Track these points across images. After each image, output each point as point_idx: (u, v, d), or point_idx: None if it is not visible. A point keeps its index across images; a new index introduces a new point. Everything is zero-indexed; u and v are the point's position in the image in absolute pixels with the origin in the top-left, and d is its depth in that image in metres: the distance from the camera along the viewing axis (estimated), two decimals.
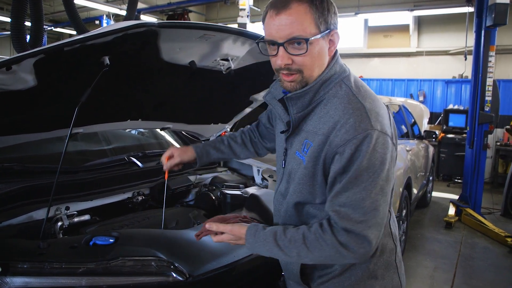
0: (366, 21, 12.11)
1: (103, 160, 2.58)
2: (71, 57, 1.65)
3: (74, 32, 4.20)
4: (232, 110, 3.01)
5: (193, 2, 11.28)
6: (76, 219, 2.11)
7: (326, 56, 1.29)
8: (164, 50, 1.94)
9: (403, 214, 4.55)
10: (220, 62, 2.17)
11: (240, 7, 7.30)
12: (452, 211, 6.31)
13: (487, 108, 6.05)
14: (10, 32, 2.87)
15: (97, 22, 11.72)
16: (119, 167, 2.58)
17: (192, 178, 2.91)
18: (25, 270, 1.49)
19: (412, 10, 10.07)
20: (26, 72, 1.64)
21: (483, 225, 5.71)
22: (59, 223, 2.02)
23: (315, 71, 1.27)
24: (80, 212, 2.17)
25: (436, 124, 10.14)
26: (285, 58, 1.24)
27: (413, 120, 6.59)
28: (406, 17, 10.95)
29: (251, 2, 8.33)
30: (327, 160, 1.25)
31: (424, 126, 8.21)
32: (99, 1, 10.33)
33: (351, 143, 1.18)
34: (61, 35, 15.63)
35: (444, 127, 9.17)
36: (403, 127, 5.94)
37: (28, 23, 2.84)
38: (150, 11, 11.67)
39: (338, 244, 1.20)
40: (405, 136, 5.85)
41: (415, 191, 5.31)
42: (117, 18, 11.11)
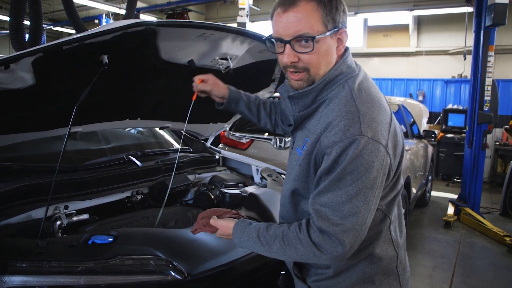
0: (365, 20, 12.13)
1: (102, 159, 2.57)
2: (70, 56, 1.65)
3: (74, 31, 4.19)
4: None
5: (192, 1, 11.26)
6: (75, 218, 2.10)
7: (333, 55, 1.28)
8: (163, 49, 1.94)
9: (402, 213, 4.55)
10: (219, 61, 2.17)
11: (240, 6, 7.30)
12: (451, 210, 6.32)
13: (486, 108, 6.06)
14: (8, 31, 2.86)
15: (96, 21, 11.70)
16: (118, 166, 2.57)
17: (191, 177, 2.91)
18: (23, 269, 1.48)
19: (411, 10, 10.08)
20: (25, 70, 1.64)
21: (482, 224, 5.72)
22: (58, 222, 2.01)
23: (322, 70, 1.27)
24: (79, 211, 2.17)
25: (435, 123, 10.15)
26: (291, 56, 1.24)
27: (412, 119, 6.60)
28: (405, 16, 10.97)
29: (251, 1, 8.32)
30: (317, 159, 1.26)
31: (423, 125, 8.21)
32: (98, 0, 10.32)
33: (337, 146, 1.17)
34: (60, 34, 15.61)
35: (443, 127, 9.18)
36: (402, 126, 5.94)
37: (27, 22, 2.84)
38: (149, 10, 11.67)
39: (311, 244, 1.20)
40: (404, 135, 5.85)
41: (414, 190, 5.32)
42: (116, 17, 11.10)
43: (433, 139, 6.78)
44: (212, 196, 2.69)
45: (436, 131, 6.93)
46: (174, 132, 3.54)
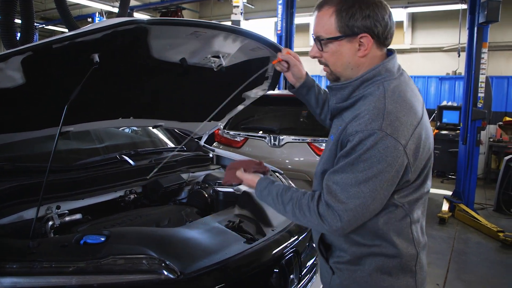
0: None
1: (95, 159, 2.55)
2: (60, 54, 1.63)
3: (66, 30, 4.16)
4: (224, 108, 3.00)
5: None
6: (67, 218, 2.08)
7: (352, 57, 1.41)
8: (154, 47, 1.93)
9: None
10: (211, 59, 2.15)
11: (234, 4, 7.28)
12: (445, 207, 6.35)
13: (480, 105, 6.08)
14: None
15: (89, 20, 11.64)
16: (111, 166, 2.55)
17: (184, 176, 2.90)
18: (14, 270, 1.46)
19: (406, 7, 10.11)
20: (14, 69, 1.62)
21: (476, 220, 5.75)
22: (50, 223, 2.00)
23: (339, 68, 1.44)
24: (72, 211, 2.15)
25: (430, 120, 10.13)
26: (313, 51, 1.48)
27: None
28: (400, 14, 10.98)
29: None
30: (342, 144, 1.38)
31: None
32: None
33: (358, 135, 1.29)
34: (53, 33, 15.51)
35: (438, 124, 9.21)
36: None
37: (18, 21, 2.82)
38: (143, 8, 11.61)
39: (317, 214, 1.35)
40: None
41: None
42: (110, 15, 11.04)
43: None
44: (206, 195, 2.69)
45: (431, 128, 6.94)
46: (168, 131, 3.53)
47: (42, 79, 1.80)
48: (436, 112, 9.45)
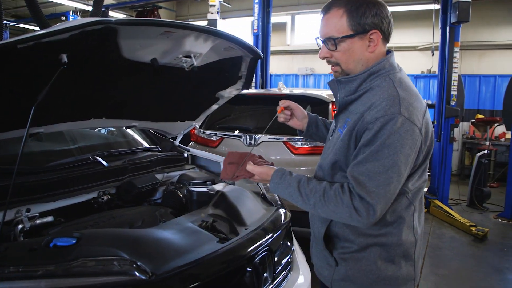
0: None
1: (67, 160, 2.51)
2: (26, 55, 1.61)
3: (38, 29, 4.07)
4: (198, 107, 3.00)
5: None
6: (38, 221, 2.05)
7: (363, 53, 1.48)
8: (125, 47, 1.91)
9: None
10: (183, 59, 2.15)
11: (210, 3, 7.24)
12: None
13: (453, 103, 6.21)
14: None
15: (63, 18, 11.37)
16: (83, 167, 2.51)
17: (159, 176, 2.88)
18: None
19: None
20: None
21: (450, 215, 5.89)
22: (20, 226, 1.96)
23: (351, 65, 1.50)
24: (43, 214, 2.12)
25: None
26: (323, 52, 1.53)
27: None
28: None
29: None
30: (358, 134, 1.43)
31: None
32: None
33: (379, 121, 1.35)
34: (25, 31, 15.14)
35: None
36: None
37: None
38: (118, 7, 11.43)
39: (352, 207, 1.36)
40: None
41: None
42: (84, 14, 10.86)
43: None
44: (181, 195, 2.68)
45: None
46: (143, 131, 3.50)
47: (8, 79, 1.76)
48: None
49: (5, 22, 12.51)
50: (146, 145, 3.39)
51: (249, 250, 1.97)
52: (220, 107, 4.83)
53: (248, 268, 1.93)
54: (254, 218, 2.30)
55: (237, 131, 4.54)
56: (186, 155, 3.26)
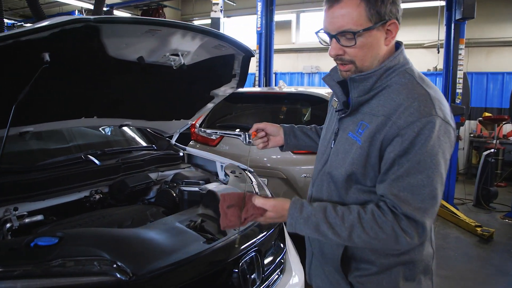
0: None
1: (58, 159, 2.50)
2: (6, 53, 1.59)
3: None
4: (193, 106, 2.98)
5: None
6: (27, 220, 2.05)
7: (381, 47, 1.29)
8: (110, 46, 1.90)
9: None
10: (170, 57, 2.13)
11: (213, 1, 7.18)
12: None
13: (458, 101, 6.13)
14: None
15: None
16: (75, 166, 2.50)
17: (154, 175, 2.87)
18: None
19: None
20: None
21: (455, 215, 5.81)
22: (8, 225, 1.96)
23: (368, 61, 1.30)
24: (33, 213, 2.11)
25: None
26: (336, 49, 1.29)
27: None
28: None
29: None
30: (384, 141, 1.25)
31: None
32: None
33: (414, 126, 1.18)
34: None
35: None
36: None
37: None
38: (123, 6, 11.45)
39: (399, 229, 1.19)
40: None
41: None
42: (90, 13, 10.89)
43: None
44: (174, 194, 2.66)
45: None
46: (140, 131, 3.48)
47: None
48: None
49: (12, 22, 12.64)
50: (144, 144, 3.38)
51: (235, 251, 1.94)
52: (220, 106, 4.82)
53: (234, 270, 1.91)
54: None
55: (237, 130, 4.51)
56: (181, 154, 3.24)
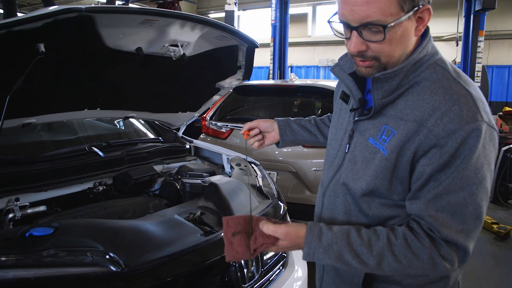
0: None
1: (62, 150, 2.52)
2: (1, 43, 1.59)
3: None
4: (198, 98, 2.96)
5: None
6: (29, 211, 2.07)
7: (411, 38, 1.07)
8: (106, 36, 1.88)
9: None
10: (170, 48, 2.10)
11: None
12: None
13: None
14: None
15: None
16: (79, 157, 2.52)
17: (159, 167, 2.87)
18: None
19: None
20: None
21: None
22: (10, 215, 1.98)
23: (395, 57, 1.08)
24: (36, 204, 2.13)
25: None
26: (358, 44, 1.06)
27: None
28: None
29: None
30: (418, 153, 1.05)
31: None
32: None
33: (457, 135, 0.99)
34: None
35: None
36: None
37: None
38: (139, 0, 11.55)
39: (438, 256, 1.03)
40: None
41: None
42: None
43: None
44: (178, 186, 2.65)
45: None
46: (148, 123, 3.48)
47: None
48: None
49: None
50: (151, 136, 3.39)
51: None
52: (230, 99, 4.81)
53: (233, 263, 1.88)
54: (245, 211, 2.24)
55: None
56: (188, 147, 3.23)
